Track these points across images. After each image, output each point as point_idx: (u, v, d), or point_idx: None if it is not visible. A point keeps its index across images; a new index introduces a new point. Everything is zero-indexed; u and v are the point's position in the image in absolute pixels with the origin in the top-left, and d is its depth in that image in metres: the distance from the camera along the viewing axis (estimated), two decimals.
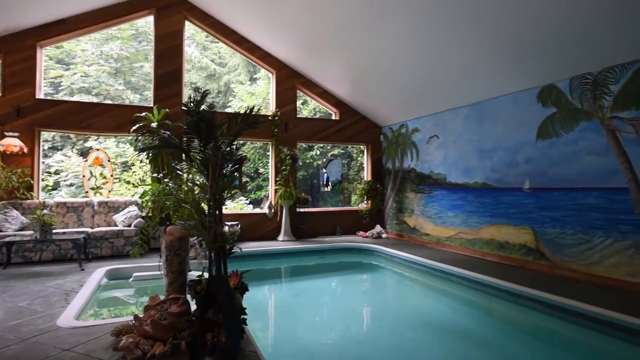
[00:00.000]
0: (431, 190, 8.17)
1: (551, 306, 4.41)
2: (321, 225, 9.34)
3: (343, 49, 7.49)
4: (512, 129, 6.29)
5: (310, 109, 13.74)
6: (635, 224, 4.63)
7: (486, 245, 6.71)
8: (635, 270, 4.61)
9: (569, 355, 3.77)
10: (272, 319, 4.88)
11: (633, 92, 4.67)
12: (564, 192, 5.46)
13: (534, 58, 5.44)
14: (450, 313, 4.99)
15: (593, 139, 5.11)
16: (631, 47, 4.54)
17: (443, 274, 6.10)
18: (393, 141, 9.55)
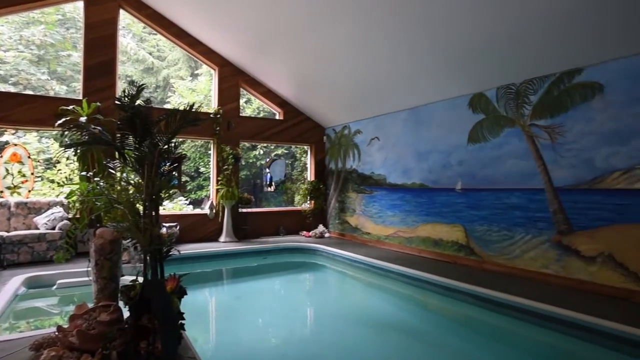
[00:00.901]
0: (372, 191, 8.44)
1: (480, 298, 4.75)
2: (264, 226, 9.26)
3: (288, 49, 7.49)
4: (446, 133, 6.69)
5: (254, 108, 13.57)
6: (549, 221, 5.15)
7: (422, 243, 7.06)
8: (548, 263, 5.12)
9: (494, 342, 4.09)
10: (213, 323, 4.75)
11: (548, 103, 5.19)
12: (491, 192, 5.91)
13: (466, 68, 5.84)
14: (389, 308, 5.19)
15: (515, 144, 5.59)
16: (547, 62, 5.03)
17: (383, 271, 6.32)
18: (336, 142, 9.72)
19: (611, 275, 4.50)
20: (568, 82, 4.98)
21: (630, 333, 3.42)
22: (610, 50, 4.48)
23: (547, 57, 4.98)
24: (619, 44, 4.37)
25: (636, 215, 4.33)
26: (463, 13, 4.89)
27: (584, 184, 4.81)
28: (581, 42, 4.57)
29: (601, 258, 4.61)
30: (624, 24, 4.13)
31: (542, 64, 5.11)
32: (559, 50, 4.80)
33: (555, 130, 5.11)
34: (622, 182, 4.46)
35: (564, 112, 5.02)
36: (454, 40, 5.40)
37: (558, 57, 4.89)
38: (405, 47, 5.98)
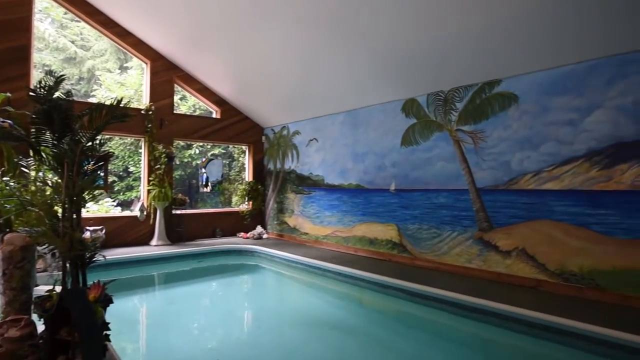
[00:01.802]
0: (310, 191, 8.52)
1: (411, 293, 5.00)
2: (200, 228, 8.94)
3: (226, 45, 7.31)
4: (381, 135, 6.96)
5: (190, 105, 13.05)
6: (473, 219, 5.58)
7: (359, 242, 7.28)
8: (472, 258, 5.54)
9: (424, 334, 4.33)
10: (143, 331, 4.49)
11: (471, 110, 5.62)
12: (422, 192, 6.26)
13: (400, 74, 6.13)
14: (327, 307, 5.28)
15: (444, 147, 5.98)
16: (471, 72, 5.45)
17: (320, 271, 6.41)
18: (275, 142, 9.67)
19: (524, 267, 4.99)
20: (489, 91, 5.44)
21: (539, 318, 3.81)
22: (525, 65, 4.96)
23: (471, 68, 5.39)
24: (531, 59, 4.86)
25: (543, 213, 4.85)
26: (399, 25, 5.14)
27: (501, 185, 5.28)
28: (500, 56, 5.01)
29: (515, 252, 5.09)
30: (536, 41, 4.60)
31: (467, 74, 5.52)
32: (481, 62, 5.23)
33: (477, 135, 5.55)
34: (533, 184, 4.97)
35: (485, 119, 5.47)
36: (389, 48, 5.65)
37: (481, 68, 5.32)
38: (344, 51, 6.13)
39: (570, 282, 4.58)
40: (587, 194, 4.51)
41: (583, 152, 4.55)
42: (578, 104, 4.58)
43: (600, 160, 4.42)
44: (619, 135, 4.28)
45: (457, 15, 4.69)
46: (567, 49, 4.53)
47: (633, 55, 4.19)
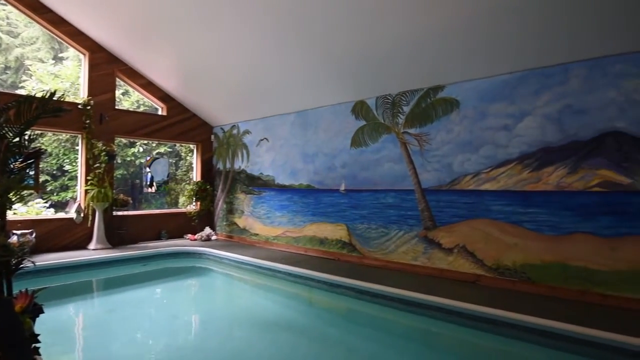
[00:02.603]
0: (261, 192, 8.44)
1: (360, 291, 5.11)
2: (144, 230, 8.52)
3: (174, 40, 7.03)
4: (331, 136, 7.05)
5: (133, 100, 12.41)
6: (418, 219, 5.82)
7: (309, 242, 7.32)
8: (417, 255, 5.78)
9: (372, 330, 4.45)
10: (80, 342, 4.19)
11: (417, 113, 5.87)
12: (370, 193, 6.43)
13: (351, 77, 6.25)
14: (277, 308, 5.26)
15: (391, 149, 6.18)
16: (417, 77, 5.69)
17: (270, 272, 6.37)
18: (224, 142, 9.46)
19: (464, 263, 5.29)
20: (433, 96, 5.70)
21: (477, 311, 4.05)
22: (465, 72, 5.26)
23: (417, 73, 5.63)
24: (471, 68, 5.16)
25: (482, 212, 5.17)
26: (350, 28, 5.26)
27: (444, 185, 5.56)
28: (444, 63, 5.28)
29: (457, 249, 5.38)
30: (474, 52, 4.90)
31: (413, 79, 5.76)
32: (426, 68, 5.47)
33: (423, 138, 5.80)
34: (472, 184, 5.28)
35: (430, 123, 5.72)
36: (341, 50, 5.74)
37: (426, 74, 5.57)
38: (295, 52, 6.14)
39: (505, 276, 4.92)
40: (519, 194, 4.87)
41: (516, 155, 4.91)
42: (511, 111, 4.94)
43: (531, 163, 4.80)
44: (547, 141, 4.67)
45: (405, 23, 4.87)
46: (501, 60, 4.88)
47: (554, 68, 4.59)
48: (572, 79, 4.50)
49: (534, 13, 4.14)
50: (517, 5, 4.12)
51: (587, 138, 4.39)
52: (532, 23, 4.27)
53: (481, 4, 4.28)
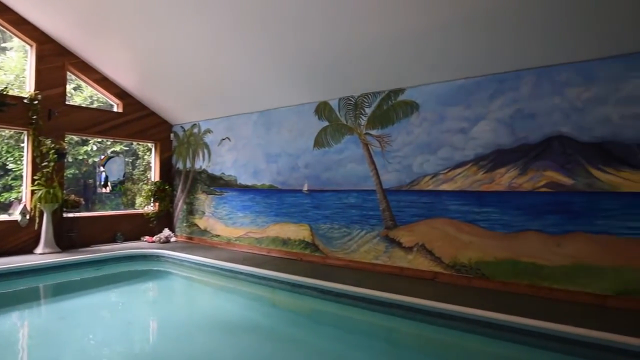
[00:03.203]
0: (222, 192, 8.28)
1: (322, 291, 5.14)
2: (97, 232, 8.12)
3: (131, 33, 6.73)
4: (294, 137, 7.05)
5: (86, 96, 11.76)
6: (379, 218, 5.94)
7: (272, 243, 7.27)
8: (378, 254, 5.90)
9: (334, 329, 4.49)
10: (24, 353, 3.92)
11: (379, 115, 5.99)
12: (333, 193, 6.49)
13: (314, 77, 6.28)
14: (239, 310, 5.18)
15: (354, 150, 6.26)
16: (379, 80, 5.81)
17: (232, 274, 6.26)
18: (184, 141, 9.20)
19: (423, 261, 5.46)
20: (394, 99, 5.84)
21: (435, 307, 4.20)
22: (425, 76, 5.43)
23: (379, 76, 5.74)
24: (430, 72, 5.33)
25: (440, 212, 5.36)
26: (313, 30, 5.29)
27: (405, 186, 5.71)
28: (404, 67, 5.43)
29: (416, 247, 5.54)
30: (433, 56, 5.08)
31: (375, 82, 5.87)
32: (388, 71, 5.59)
33: (384, 139, 5.92)
34: (431, 185, 5.46)
35: (391, 125, 5.86)
36: (304, 51, 5.75)
37: (387, 77, 5.69)
38: (260, 51, 6.07)
39: (461, 273, 5.13)
40: (474, 194, 5.09)
41: (472, 157, 5.13)
42: (467, 115, 5.16)
43: (485, 165, 5.03)
44: (499, 143, 4.92)
45: (367, 27, 4.96)
46: (458, 66, 5.08)
47: (507, 75, 4.85)
48: (522, 86, 4.77)
49: (487, 24, 4.35)
50: (471, 16, 4.31)
51: (536, 141, 4.67)
52: (486, 33, 4.48)
53: (440, 14, 4.44)
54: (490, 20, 4.32)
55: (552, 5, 3.95)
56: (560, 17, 4.05)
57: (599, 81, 4.29)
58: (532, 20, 4.18)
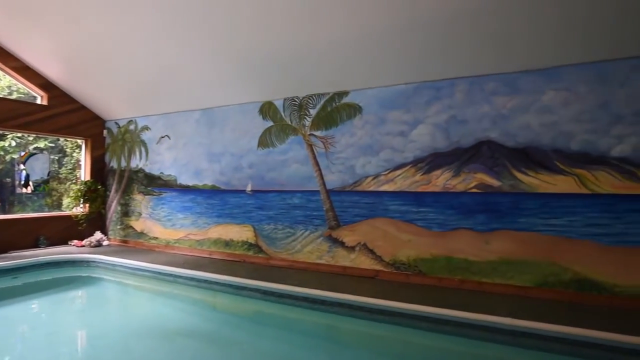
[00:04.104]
0: (161, 192, 7.91)
1: (265, 292, 5.09)
2: (16, 237, 7.36)
3: (60, 18, 6.08)
4: (238, 136, 6.91)
5: (3, 86, 10.65)
6: (323, 219, 6.01)
7: (214, 244, 7.07)
8: (322, 254, 5.97)
9: (278, 330, 4.47)
10: None
11: (323, 117, 6.06)
12: (277, 193, 6.46)
13: (259, 77, 6.20)
14: (179, 315, 4.97)
15: (298, 151, 6.28)
16: (324, 81, 5.88)
17: (171, 277, 6.00)
18: (119, 137, 8.66)
19: (365, 259, 5.61)
20: (338, 101, 5.94)
21: (376, 304, 4.33)
22: (367, 80, 5.59)
23: (324, 77, 5.81)
24: (373, 76, 5.50)
25: (381, 212, 5.55)
26: (260, 28, 5.23)
27: (348, 186, 5.83)
28: (349, 70, 5.54)
29: (359, 247, 5.68)
30: (375, 61, 5.24)
31: (320, 83, 5.93)
32: (333, 73, 5.68)
33: (328, 140, 6.01)
34: (372, 185, 5.63)
35: (335, 126, 5.96)
36: (250, 50, 5.66)
37: (332, 79, 5.78)
38: (203, 47, 5.88)
39: (400, 270, 5.34)
40: (413, 194, 5.33)
41: (411, 159, 5.37)
42: (407, 119, 5.39)
43: (423, 167, 5.29)
44: (436, 147, 5.20)
45: (314, 28, 5.01)
46: (399, 71, 5.29)
47: (443, 82, 5.14)
48: (457, 93, 5.08)
49: (425, 33, 4.58)
50: (410, 25, 4.52)
51: (468, 145, 5.00)
52: (424, 41, 4.71)
53: (382, 21, 4.60)
54: (428, 30, 4.55)
55: (480, 21, 4.27)
56: (488, 32, 4.38)
57: (522, 92, 4.70)
58: (463, 32, 4.47)
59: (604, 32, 4.08)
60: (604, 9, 3.86)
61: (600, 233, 4.30)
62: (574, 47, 4.30)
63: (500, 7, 4.10)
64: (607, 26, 4.01)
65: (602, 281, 4.26)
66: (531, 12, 4.07)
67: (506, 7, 4.09)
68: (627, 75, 4.20)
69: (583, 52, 4.32)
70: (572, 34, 4.18)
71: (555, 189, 4.53)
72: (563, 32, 4.19)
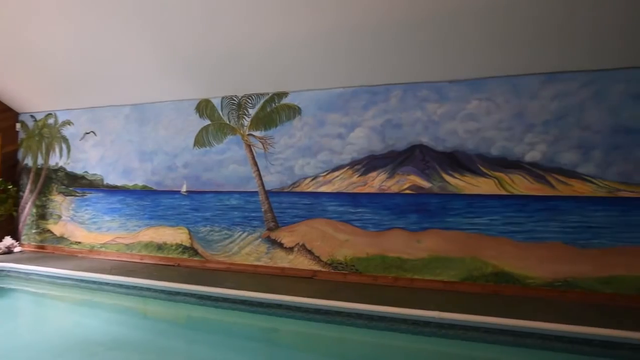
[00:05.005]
0: (85, 193, 7.31)
1: (200, 296, 4.92)
2: None
3: None
4: (172, 134, 6.61)
5: None
6: (261, 220, 5.96)
7: (145, 248, 6.69)
8: (260, 256, 5.91)
9: (217, 336, 4.34)
10: None
11: (262, 117, 6.01)
12: (214, 194, 6.28)
13: (196, 73, 6.00)
14: (103, 326, 4.62)
15: (236, 151, 6.16)
16: (264, 81, 5.83)
17: (96, 285, 5.56)
18: (36, 132, 7.85)
19: (304, 260, 5.65)
20: (278, 101, 5.92)
21: (313, 304, 4.38)
22: (307, 82, 5.64)
23: (263, 77, 5.77)
24: (312, 78, 5.57)
25: (319, 212, 5.64)
26: (199, 23, 5.08)
27: (286, 187, 5.84)
28: (289, 71, 5.56)
29: (297, 247, 5.71)
30: (315, 64, 5.32)
31: (260, 83, 5.88)
32: (273, 74, 5.67)
33: (267, 141, 5.97)
34: (311, 187, 5.70)
35: (274, 127, 5.93)
36: (187, 44, 5.48)
37: (272, 79, 5.76)
38: (137, 38, 5.55)
39: (338, 270, 5.46)
40: (350, 195, 5.48)
41: (348, 161, 5.51)
42: (345, 121, 5.53)
43: (360, 169, 5.46)
44: (372, 149, 5.39)
45: (255, 27, 4.96)
46: (338, 75, 5.42)
47: (380, 87, 5.35)
48: (392, 98, 5.31)
49: (363, 39, 4.74)
50: (351, 30, 4.65)
51: (402, 149, 5.25)
52: (362, 47, 4.88)
53: (324, 24, 4.70)
54: (365, 36, 4.72)
55: (413, 31, 4.52)
56: (419, 42, 4.67)
57: (450, 100, 5.04)
58: (398, 41, 4.71)
59: (518, 48, 4.52)
60: (520, 27, 4.28)
61: (515, 230, 4.76)
62: (494, 61, 4.71)
63: (431, 20, 4.38)
64: (521, 43, 4.45)
65: (516, 274, 4.70)
66: (458, 26, 4.40)
67: (438, 20, 4.37)
68: (537, 89, 4.69)
69: (501, 66, 4.74)
70: (493, 49, 4.58)
71: (478, 191, 4.92)
72: (485, 46, 4.58)
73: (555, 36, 4.29)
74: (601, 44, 4.27)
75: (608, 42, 4.25)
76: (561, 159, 4.62)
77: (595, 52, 4.36)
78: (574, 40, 4.31)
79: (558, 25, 4.19)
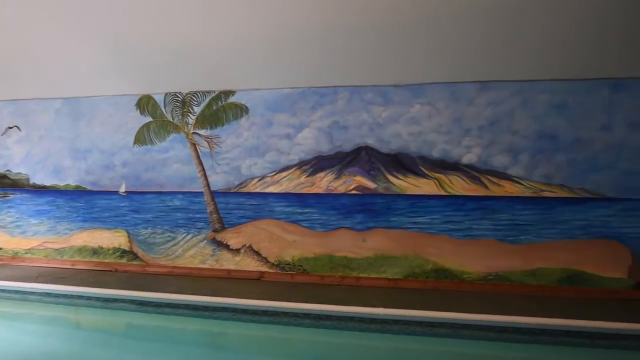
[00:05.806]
0: (7, 194, 6.65)
1: (140, 302, 4.67)
2: None
3: None
4: (110, 131, 6.21)
5: None
6: (207, 221, 5.79)
7: (78, 253, 6.23)
8: (205, 258, 5.75)
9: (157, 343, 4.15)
10: None
11: (208, 115, 5.84)
12: (156, 195, 6.00)
13: (137, 67, 5.70)
14: (28, 339, 4.25)
15: (180, 149, 5.93)
16: (210, 79, 5.66)
17: (19, 295, 5.07)
18: None
19: (251, 261, 5.58)
20: (224, 100, 5.79)
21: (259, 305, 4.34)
22: (255, 81, 5.56)
23: (210, 75, 5.61)
24: (260, 78, 5.50)
25: (266, 213, 5.59)
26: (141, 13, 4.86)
27: (233, 188, 5.73)
28: (237, 69, 5.46)
29: (244, 249, 5.62)
30: (265, 63, 5.28)
31: (206, 80, 5.70)
32: (220, 71, 5.53)
33: (213, 140, 5.81)
34: (259, 187, 5.64)
35: (221, 126, 5.79)
36: (127, 35, 5.18)
37: (219, 77, 5.61)
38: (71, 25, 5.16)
39: (285, 270, 5.45)
40: (298, 196, 5.50)
41: (296, 161, 5.52)
42: (293, 122, 5.53)
43: (307, 169, 5.49)
44: (320, 150, 5.45)
45: (201, 22, 4.84)
46: (285, 75, 5.41)
47: (327, 89, 5.42)
48: (339, 100, 5.39)
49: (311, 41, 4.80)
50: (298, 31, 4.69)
51: (348, 150, 5.36)
52: (310, 48, 4.92)
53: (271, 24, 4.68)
54: (313, 38, 4.77)
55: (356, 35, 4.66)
56: (365, 47, 4.82)
57: (394, 104, 5.23)
58: (345, 44, 4.83)
59: (457, 57, 4.81)
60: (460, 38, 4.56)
61: (453, 229, 5.06)
62: (435, 67, 4.97)
63: (378, 25, 4.53)
64: (460, 52, 4.75)
65: (454, 269, 5.00)
66: (404, 33, 4.61)
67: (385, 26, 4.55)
68: (473, 96, 5.01)
69: (441, 73, 5.01)
70: (435, 56, 4.84)
71: (420, 191, 5.16)
72: (428, 54, 4.82)
73: (492, 46, 4.62)
74: (530, 56, 4.67)
75: (535, 55, 4.66)
76: (494, 161, 4.97)
77: (524, 64, 4.76)
78: (508, 51, 4.67)
79: (498, 36, 4.52)
